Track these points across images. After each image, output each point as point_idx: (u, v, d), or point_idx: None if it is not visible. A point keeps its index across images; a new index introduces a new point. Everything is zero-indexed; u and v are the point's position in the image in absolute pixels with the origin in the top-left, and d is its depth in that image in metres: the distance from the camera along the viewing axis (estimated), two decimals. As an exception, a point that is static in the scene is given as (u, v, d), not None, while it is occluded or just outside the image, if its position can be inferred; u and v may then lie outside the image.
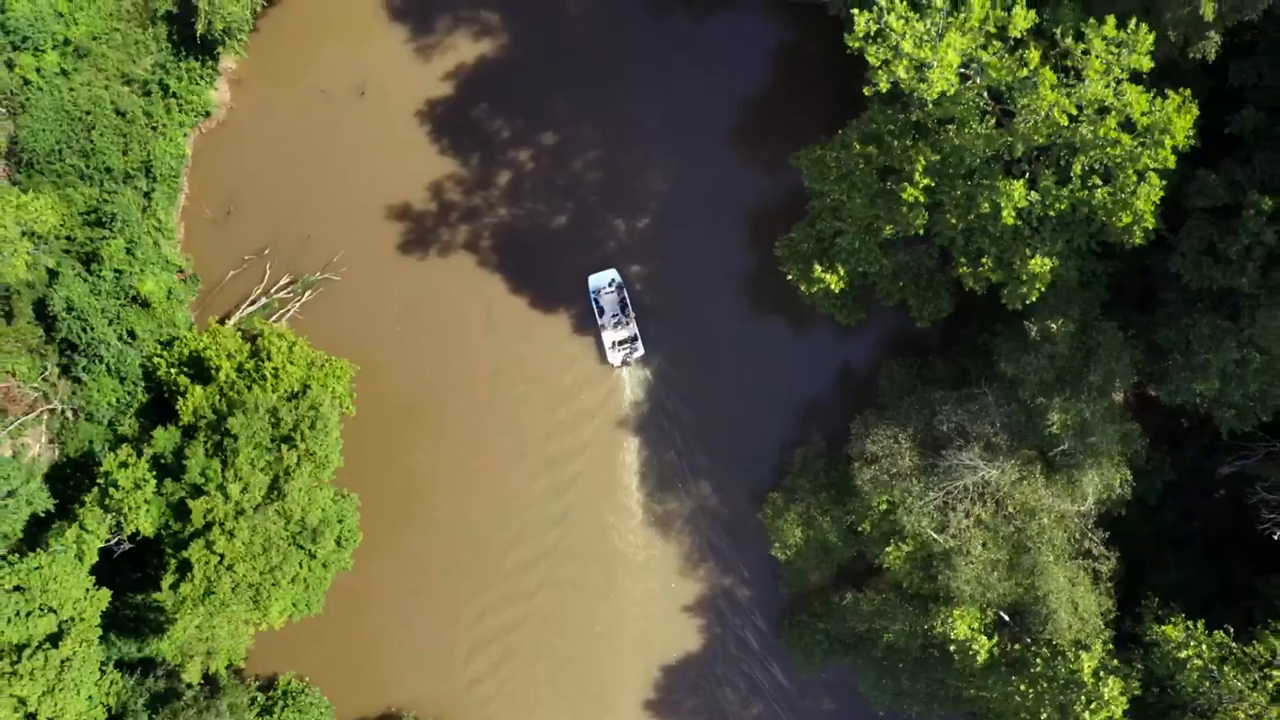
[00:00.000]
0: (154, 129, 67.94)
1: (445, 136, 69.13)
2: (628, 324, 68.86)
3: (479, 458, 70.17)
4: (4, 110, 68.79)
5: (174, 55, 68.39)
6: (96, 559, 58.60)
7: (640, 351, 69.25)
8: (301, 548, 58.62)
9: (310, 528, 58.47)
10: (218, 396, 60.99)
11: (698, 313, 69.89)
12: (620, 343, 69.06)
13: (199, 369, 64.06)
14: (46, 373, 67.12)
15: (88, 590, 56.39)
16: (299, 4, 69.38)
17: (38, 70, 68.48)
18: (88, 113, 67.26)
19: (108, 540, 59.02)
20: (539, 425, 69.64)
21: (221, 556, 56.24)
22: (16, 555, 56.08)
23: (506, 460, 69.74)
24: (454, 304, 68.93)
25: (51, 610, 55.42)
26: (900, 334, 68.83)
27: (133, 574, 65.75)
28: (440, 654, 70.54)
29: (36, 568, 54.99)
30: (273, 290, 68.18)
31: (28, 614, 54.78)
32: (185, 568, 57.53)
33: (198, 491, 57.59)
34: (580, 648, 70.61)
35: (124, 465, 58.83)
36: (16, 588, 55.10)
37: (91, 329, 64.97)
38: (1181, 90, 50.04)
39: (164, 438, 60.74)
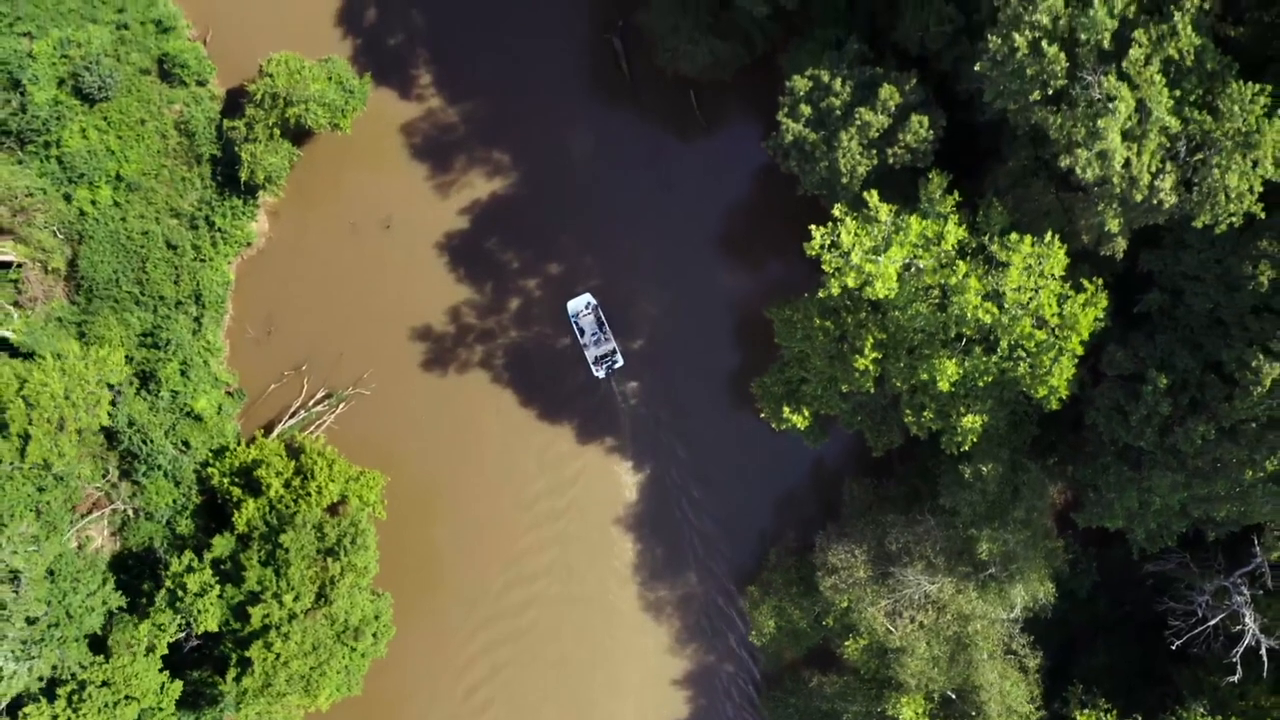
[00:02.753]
0: (201, 260, 79.46)
1: (462, 265, 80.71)
2: (606, 340, 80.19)
3: (492, 533, 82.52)
4: (62, 237, 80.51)
5: (218, 194, 79.66)
6: (166, 651, 71.60)
7: (620, 363, 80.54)
8: (345, 644, 71.31)
9: (352, 627, 71.13)
10: (268, 509, 73.26)
11: (688, 415, 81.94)
12: (601, 358, 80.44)
13: (248, 478, 76.25)
14: (108, 475, 79.37)
15: (163, 685, 69.17)
16: (328, 146, 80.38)
17: (93, 203, 79.97)
18: (141, 246, 78.80)
19: (177, 637, 71.67)
20: (547, 509, 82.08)
21: (278, 655, 68.90)
22: (102, 657, 68.79)
23: (516, 535, 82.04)
24: (469, 410, 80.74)
25: (134, 699, 68.32)
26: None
27: (190, 654, 78.56)
28: (456, 699, 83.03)
29: (121, 665, 67.87)
30: (310, 404, 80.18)
31: (115, 704, 67.77)
32: (245, 663, 70.27)
33: (255, 598, 70.12)
34: (584, 693, 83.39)
35: (190, 570, 71.36)
36: (104, 683, 67.98)
37: (151, 441, 77.09)
38: (1094, 280, 61.58)
39: (222, 544, 73.13)
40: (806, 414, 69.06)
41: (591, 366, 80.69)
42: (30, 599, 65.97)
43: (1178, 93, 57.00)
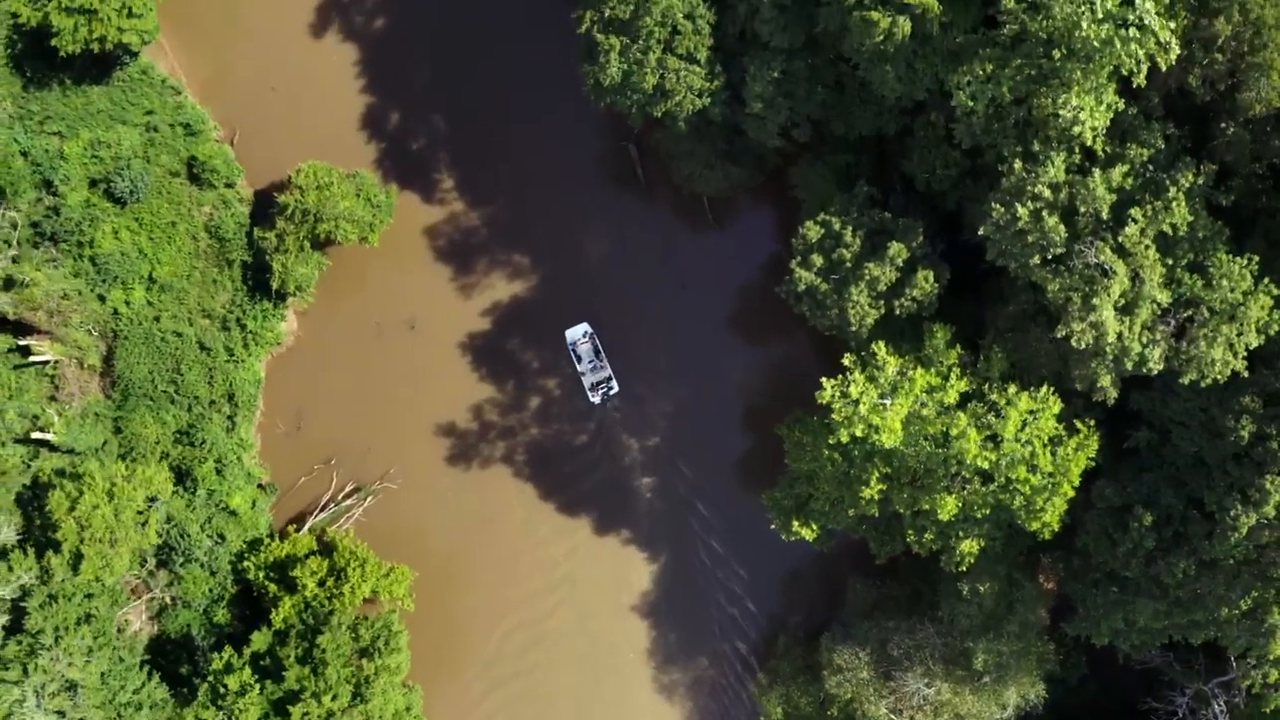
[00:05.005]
0: (234, 362, 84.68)
1: (484, 365, 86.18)
2: (602, 367, 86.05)
3: (512, 615, 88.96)
4: (97, 334, 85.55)
5: (249, 297, 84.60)
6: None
7: (615, 389, 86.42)
8: (378, 739, 77.95)
9: (385, 722, 77.74)
10: (303, 607, 79.33)
11: (702, 503, 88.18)
12: (598, 384, 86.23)
13: (283, 573, 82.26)
14: (146, 564, 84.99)
15: (211, 778, 75.95)
16: (355, 247, 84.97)
17: (126, 303, 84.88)
18: (176, 348, 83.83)
19: (221, 731, 78.24)
20: (567, 595, 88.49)
21: (317, 752, 75.53)
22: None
23: (536, 618, 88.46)
24: (490, 503, 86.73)
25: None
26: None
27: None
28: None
29: (172, 763, 74.65)
30: (339, 497, 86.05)
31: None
32: (287, 758, 76.86)
33: (294, 696, 76.47)
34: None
35: (229, 669, 77.61)
36: (155, 778, 74.81)
37: (188, 536, 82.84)
38: (1087, 421, 67.33)
39: (260, 639, 79.32)
40: (814, 528, 75.07)
41: (588, 392, 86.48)
42: (87, 706, 72.29)
43: (1169, 260, 62.30)
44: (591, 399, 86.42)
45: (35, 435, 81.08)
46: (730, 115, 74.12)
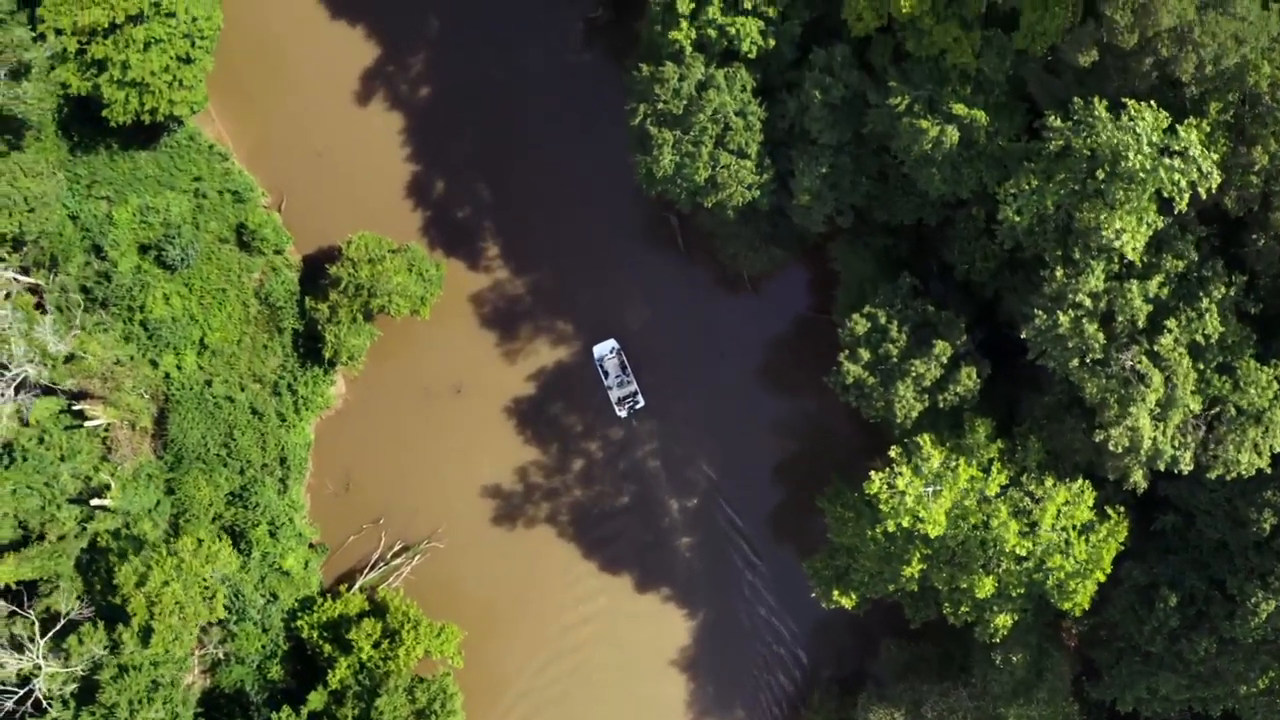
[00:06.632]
0: (285, 426, 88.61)
1: (528, 427, 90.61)
2: (629, 382, 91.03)
3: (555, 664, 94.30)
4: (149, 398, 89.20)
5: (300, 364, 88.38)
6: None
7: (641, 403, 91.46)
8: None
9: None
10: (359, 668, 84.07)
11: (740, 553, 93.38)
12: (624, 399, 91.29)
13: (336, 632, 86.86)
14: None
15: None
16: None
17: (178, 368, 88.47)
18: (229, 413, 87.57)
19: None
20: (604, 651, 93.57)
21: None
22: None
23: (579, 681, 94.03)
24: (534, 561, 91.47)
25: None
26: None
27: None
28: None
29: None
30: (388, 556, 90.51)
31: None
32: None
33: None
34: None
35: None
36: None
37: (242, 595, 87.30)
38: (1118, 508, 72.58)
39: (317, 699, 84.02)
40: (854, 597, 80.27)
41: (615, 407, 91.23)
42: (160, 774, 77.11)
43: (1200, 365, 67.18)
44: (618, 413, 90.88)
45: (95, 503, 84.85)
46: (776, 201, 78.08)
